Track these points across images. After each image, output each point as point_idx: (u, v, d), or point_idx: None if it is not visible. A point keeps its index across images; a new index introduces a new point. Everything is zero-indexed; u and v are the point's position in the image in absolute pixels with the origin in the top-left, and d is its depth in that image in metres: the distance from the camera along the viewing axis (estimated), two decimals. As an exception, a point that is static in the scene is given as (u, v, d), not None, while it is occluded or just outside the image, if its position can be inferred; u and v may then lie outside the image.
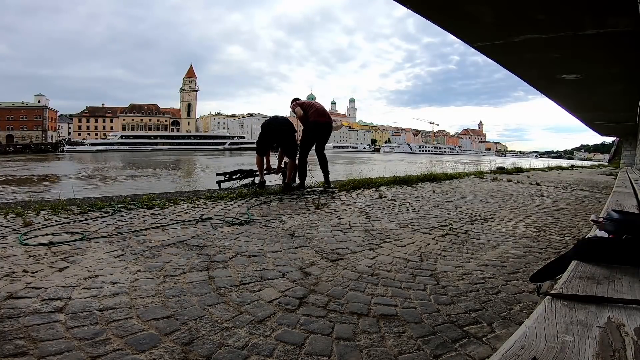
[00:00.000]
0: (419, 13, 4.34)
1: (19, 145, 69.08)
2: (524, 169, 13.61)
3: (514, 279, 1.95)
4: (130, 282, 1.67)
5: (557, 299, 0.81)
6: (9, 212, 2.83)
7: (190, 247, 2.24)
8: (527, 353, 0.60)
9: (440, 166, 11.59)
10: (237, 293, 1.61)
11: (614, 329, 0.68)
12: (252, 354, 1.18)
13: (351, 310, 1.50)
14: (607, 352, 0.60)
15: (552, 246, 2.69)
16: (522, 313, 1.53)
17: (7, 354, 1.10)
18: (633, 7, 3.43)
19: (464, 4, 4.12)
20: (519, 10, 4.13)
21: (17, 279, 1.64)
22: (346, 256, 2.22)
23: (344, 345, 1.25)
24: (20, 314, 1.33)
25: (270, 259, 2.09)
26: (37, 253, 1.99)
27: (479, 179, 8.24)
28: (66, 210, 3.01)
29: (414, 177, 7.10)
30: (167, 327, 1.30)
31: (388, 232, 2.86)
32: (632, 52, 4.82)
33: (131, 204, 3.34)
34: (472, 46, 5.40)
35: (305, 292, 1.66)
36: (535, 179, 9.07)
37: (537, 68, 6.55)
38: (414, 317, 1.47)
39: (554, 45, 5.08)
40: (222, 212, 3.26)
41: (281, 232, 2.71)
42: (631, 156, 19.67)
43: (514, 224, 3.42)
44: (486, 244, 2.65)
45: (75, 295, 1.51)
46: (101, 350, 1.15)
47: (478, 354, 1.22)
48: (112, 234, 2.44)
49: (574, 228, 3.39)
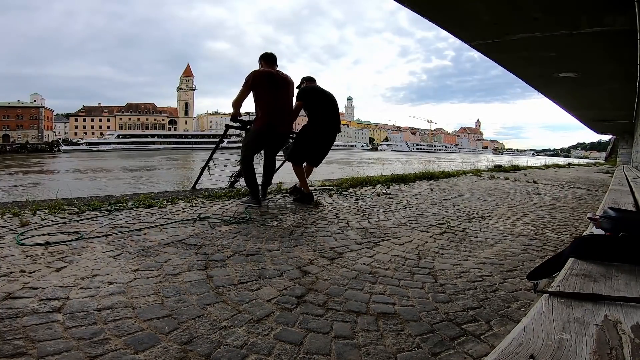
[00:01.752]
0: (416, 12, 4.35)
1: (15, 145, 68.62)
2: (521, 167, 13.69)
3: (512, 277, 1.96)
4: (128, 281, 1.66)
5: (554, 297, 0.81)
6: (5, 212, 2.81)
7: (188, 246, 2.24)
8: (525, 351, 0.61)
9: (438, 164, 11.62)
10: (235, 292, 1.61)
11: (611, 326, 0.69)
12: (251, 352, 1.18)
13: (350, 309, 1.50)
14: (604, 350, 0.61)
15: (549, 244, 2.71)
16: (519, 311, 1.54)
17: (6, 354, 1.10)
18: (629, 5, 3.44)
19: (461, 2, 4.13)
20: (516, 8, 4.14)
21: (15, 279, 1.63)
22: (344, 254, 2.22)
23: (343, 343, 1.26)
24: (18, 314, 1.33)
25: (268, 258, 2.09)
26: (35, 253, 1.98)
27: (476, 177, 8.26)
28: (63, 210, 2.99)
29: (412, 175, 7.11)
30: (166, 327, 1.30)
31: (386, 231, 2.86)
32: (628, 51, 4.84)
33: (128, 204, 3.32)
34: (469, 44, 5.42)
35: (303, 290, 1.67)
36: (532, 177, 9.11)
37: (533, 66, 6.58)
38: (413, 315, 1.47)
39: (550, 44, 5.10)
40: (220, 211, 3.26)
41: (279, 230, 2.71)
42: (627, 154, 19.75)
43: (511, 222, 3.43)
44: (484, 242, 2.66)
45: (73, 295, 1.50)
46: (100, 350, 1.14)
47: (476, 352, 1.23)
48: (110, 233, 2.43)
49: (571, 226, 3.41)
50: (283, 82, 3.71)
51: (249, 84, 3.52)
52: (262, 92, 3.57)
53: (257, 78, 3.53)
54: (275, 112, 3.63)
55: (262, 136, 3.68)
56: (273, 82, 3.60)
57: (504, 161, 16.93)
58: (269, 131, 3.64)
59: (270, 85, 3.58)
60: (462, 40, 5.28)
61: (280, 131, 3.75)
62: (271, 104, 3.60)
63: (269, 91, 3.57)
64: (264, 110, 3.60)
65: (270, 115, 3.61)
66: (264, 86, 3.55)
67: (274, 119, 3.63)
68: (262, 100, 3.58)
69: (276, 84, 3.62)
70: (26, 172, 25.94)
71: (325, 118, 4.01)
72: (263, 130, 3.63)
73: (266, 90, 3.56)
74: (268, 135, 3.67)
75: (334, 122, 4.09)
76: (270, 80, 3.59)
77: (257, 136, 3.68)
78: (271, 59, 3.77)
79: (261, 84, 3.54)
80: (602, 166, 22.64)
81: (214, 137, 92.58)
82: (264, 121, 3.60)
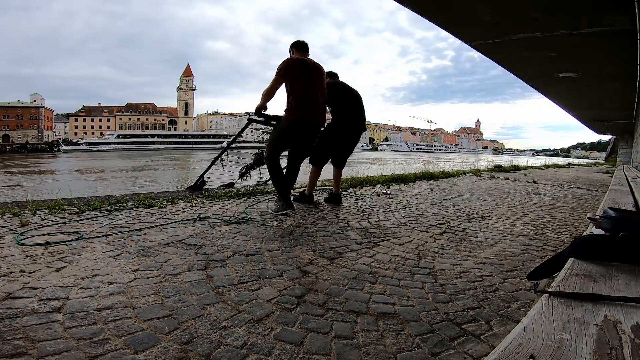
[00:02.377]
0: (416, 12, 4.35)
1: (15, 145, 68.62)
2: (520, 167, 13.68)
3: (512, 277, 1.96)
4: (128, 281, 1.66)
5: (554, 297, 0.81)
6: (5, 212, 2.81)
7: (188, 246, 2.24)
8: (525, 351, 0.61)
9: (437, 164, 11.62)
10: (235, 292, 1.61)
11: (611, 326, 0.69)
12: (251, 352, 1.18)
13: (350, 309, 1.50)
14: (604, 350, 0.61)
15: (549, 244, 2.71)
16: (519, 311, 1.54)
17: (6, 354, 1.09)
18: (629, 5, 3.44)
19: (461, 2, 4.13)
20: (516, 9, 4.14)
21: (15, 279, 1.63)
22: (344, 254, 2.22)
23: (343, 343, 1.26)
24: (18, 314, 1.33)
25: (268, 258, 2.09)
26: (34, 253, 1.98)
27: (476, 177, 8.26)
28: (63, 210, 2.99)
29: (412, 175, 7.11)
30: (166, 327, 1.30)
31: (386, 231, 2.86)
32: (628, 51, 4.84)
33: (128, 204, 3.32)
34: (470, 44, 5.43)
35: (303, 290, 1.67)
36: (532, 177, 9.11)
37: (533, 66, 6.58)
38: (413, 316, 1.47)
39: (550, 44, 5.11)
40: (220, 211, 3.25)
41: (279, 230, 2.71)
42: (627, 154, 19.76)
43: (511, 222, 3.43)
44: (484, 242, 2.66)
45: (73, 295, 1.50)
46: (100, 350, 1.14)
47: (476, 352, 1.23)
48: (110, 233, 2.43)
49: (571, 226, 3.41)
50: (317, 72, 3.45)
51: (282, 72, 3.26)
52: (295, 82, 3.30)
53: (290, 66, 3.28)
54: (309, 104, 3.35)
55: (294, 130, 3.37)
56: (307, 70, 3.35)
57: (503, 161, 16.93)
58: (302, 125, 3.36)
59: (304, 74, 3.32)
60: (462, 40, 5.29)
61: (312, 122, 3.44)
62: (305, 94, 3.32)
63: (303, 80, 3.31)
64: (297, 100, 3.31)
65: (304, 107, 3.33)
66: (298, 75, 3.30)
67: (308, 111, 3.35)
68: (296, 90, 3.31)
69: (310, 73, 3.36)
70: (19, 173, 25.92)
71: (351, 115, 3.81)
72: (296, 123, 3.34)
73: (300, 79, 3.30)
74: (301, 129, 3.38)
75: (360, 119, 3.89)
76: (304, 69, 3.34)
77: (288, 130, 3.37)
78: (303, 47, 3.51)
79: (294, 73, 3.29)
80: (602, 166, 22.64)
81: (214, 137, 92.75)
82: (297, 114, 3.32)
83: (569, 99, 10.33)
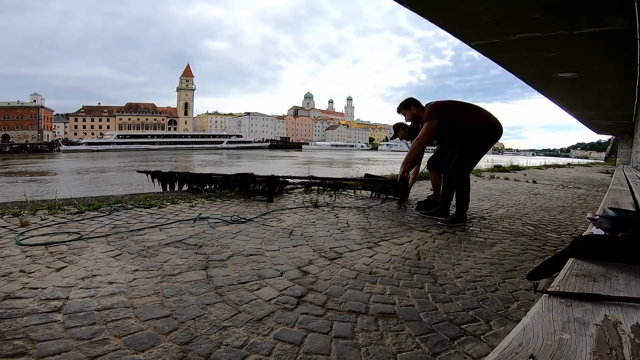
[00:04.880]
0: (416, 11, 4.35)
1: (14, 145, 68.57)
2: (520, 167, 13.67)
3: (511, 277, 1.96)
4: (128, 281, 1.66)
5: (554, 297, 0.81)
6: (5, 212, 2.81)
7: (188, 246, 2.24)
8: (525, 351, 0.61)
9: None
10: (235, 292, 1.61)
11: (611, 326, 0.69)
12: (250, 352, 1.18)
13: (349, 309, 1.50)
14: (604, 350, 0.61)
15: (549, 244, 2.71)
16: (519, 311, 1.54)
17: (6, 354, 1.09)
18: (629, 5, 3.44)
19: (461, 2, 4.13)
20: (515, 9, 4.14)
21: (15, 279, 1.63)
22: (344, 254, 2.22)
23: (343, 343, 1.26)
24: (18, 314, 1.33)
25: (268, 258, 2.09)
26: (34, 253, 1.98)
27: (476, 177, 8.26)
28: (63, 210, 2.99)
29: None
30: (166, 327, 1.30)
31: (386, 231, 2.86)
32: (628, 51, 4.84)
33: (128, 204, 3.32)
34: (469, 44, 5.42)
35: (303, 290, 1.67)
36: (532, 177, 9.11)
37: (533, 66, 6.57)
38: (412, 315, 1.47)
39: (550, 44, 5.10)
40: (220, 211, 3.25)
41: (279, 230, 2.71)
42: (627, 154, 19.77)
43: (511, 222, 3.43)
44: (483, 242, 2.66)
45: (72, 295, 1.50)
46: (100, 350, 1.14)
47: (476, 352, 1.23)
48: (109, 233, 2.43)
49: (571, 226, 3.41)
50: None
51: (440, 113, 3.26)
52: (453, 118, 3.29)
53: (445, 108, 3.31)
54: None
55: (488, 135, 3.27)
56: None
57: (503, 161, 16.91)
58: (493, 128, 3.27)
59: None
60: (462, 40, 5.28)
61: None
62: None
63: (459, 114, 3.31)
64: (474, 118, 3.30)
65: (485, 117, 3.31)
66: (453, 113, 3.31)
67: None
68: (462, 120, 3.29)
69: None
70: (13, 173, 25.89)
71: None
72: (487, 127, 3.26)
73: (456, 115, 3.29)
74: (494, 133, 3.27)
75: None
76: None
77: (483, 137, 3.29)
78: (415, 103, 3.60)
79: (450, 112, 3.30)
80: (602, 166, 22.65)
81: (213, 137, 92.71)
82: (484, 119, 3.28)
83: (569, 99, 10.33)
